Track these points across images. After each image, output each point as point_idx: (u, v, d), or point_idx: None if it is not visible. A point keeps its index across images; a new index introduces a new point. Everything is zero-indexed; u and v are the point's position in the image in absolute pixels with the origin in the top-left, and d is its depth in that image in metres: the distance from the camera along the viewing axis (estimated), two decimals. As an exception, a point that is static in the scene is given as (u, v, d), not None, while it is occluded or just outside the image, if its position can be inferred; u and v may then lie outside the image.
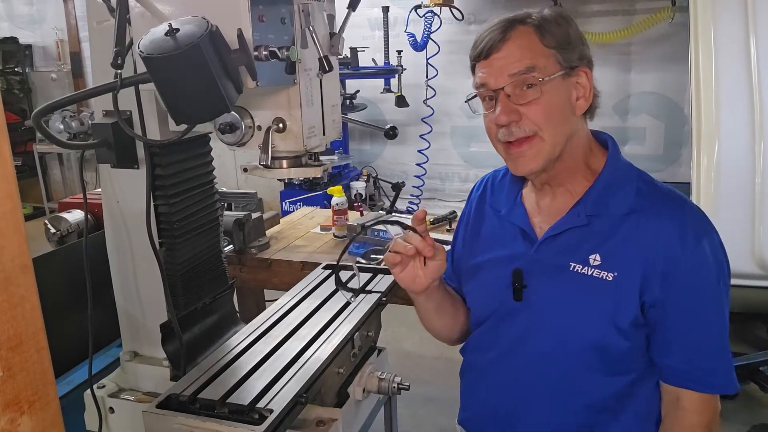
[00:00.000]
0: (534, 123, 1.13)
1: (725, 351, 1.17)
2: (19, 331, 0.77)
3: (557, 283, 1.19)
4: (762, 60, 2.81)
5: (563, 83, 1.14)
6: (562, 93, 1.14)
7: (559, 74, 1.12)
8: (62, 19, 6.99)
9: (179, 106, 1.14)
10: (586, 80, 1.17)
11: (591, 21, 5.01)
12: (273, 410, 1.18)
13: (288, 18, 1.24)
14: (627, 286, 1.14)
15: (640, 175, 1.22)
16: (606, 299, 1.15)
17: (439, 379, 3.46)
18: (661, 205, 1.16)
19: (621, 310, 1.14)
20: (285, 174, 1.37)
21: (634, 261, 1.13)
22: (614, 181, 1.20)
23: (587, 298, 1.16)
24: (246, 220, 2.59)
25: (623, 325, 1.14)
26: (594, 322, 1.16)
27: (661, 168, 5.08)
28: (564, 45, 1.13)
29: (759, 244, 2.86)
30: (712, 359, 1.17)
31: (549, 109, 1.12)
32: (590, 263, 1.16)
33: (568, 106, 1.15)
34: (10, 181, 0.76)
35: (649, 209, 1.15)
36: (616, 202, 1.17)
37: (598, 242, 1.16)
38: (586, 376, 1.20)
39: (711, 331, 1.16)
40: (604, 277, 1.15)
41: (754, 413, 3.07)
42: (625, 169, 1.22)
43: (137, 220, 1.44)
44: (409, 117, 5.53)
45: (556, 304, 1.20)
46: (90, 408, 1.54)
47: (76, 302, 1.56)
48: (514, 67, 1.12)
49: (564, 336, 1.19)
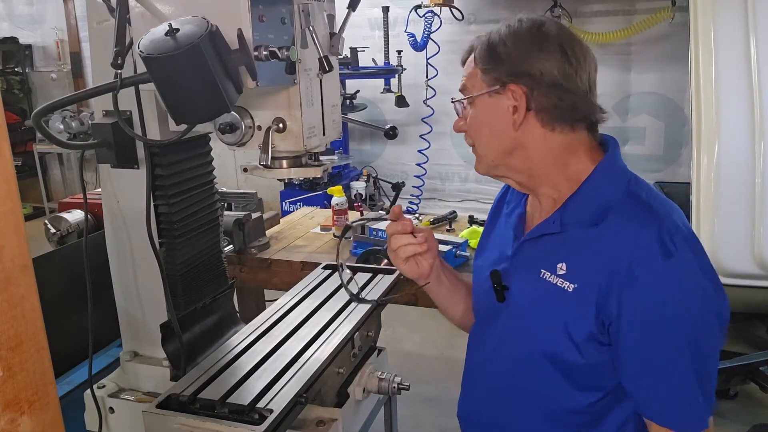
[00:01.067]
0: (470, 137, 1.23)
1: (686, 386, 1.05)
2: (19, 331, 0.77)
3: (528, 288, 1.19)
4: (762, 60, 2.81)
5: (490, 100, 1.15)
6: (491, 110, 1.16)
7: (483, 93, 1.16)
8: (62, 19, 6.99)
9: (179, 106, 1.14)
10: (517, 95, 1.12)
11: (591, 21, 5.01)
12: (273, 410, 1.18)
13: (288, 18, 1.24)
14: (584, 299, 1.09)
15: (628, 185, 1.14)
16: (564, 310, 1.12)
17: (439, 379, 3.47)
18: (632, 219, 1.08)
19: (576, 323, 1.10)
20: (285, 174, 1.37)
21: (595, 275, 1.08)
22: (598, 189, 1.14)
23: (549, 307, 1.15)
24: (246, 220, 2.59)
25: (578, 338, 1.10)
26: (551, 332, 1.14)
27: (661, 168, 5.08)
28: (488, 63, 1.15)
29: (759, 244, 2.86)
30: (669, 392, 1.07)
31: (477, 125, 1.20)
32: (557, 272, 1.14)
33: (499, 123, 1.15)
34: (10, 181, 0.76)
35: (617, 222, 1.09)
36: (590, 212, 1.13)
37: (567, 251, 1.14)
38: (550, 387, 1.18)
39: (665, 363, 1.05)
40: (566, 287, 1.12)
41: (754, 413, 3.07)
42: (612, 177, 1.16)
43: (137, 220, 1.44)
44: (409, 117, 5.53)
45: (525, 309, 1.20)
46: (90, 408, 1.54)
47: (76, 302, 1.56)
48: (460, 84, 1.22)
49: (528, 343, 1.19)
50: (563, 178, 1.18)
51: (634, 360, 1.08)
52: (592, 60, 1.16)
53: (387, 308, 1.76)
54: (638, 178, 1.19)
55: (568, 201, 1.17)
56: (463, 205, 5.49)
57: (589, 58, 1.15)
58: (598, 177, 1.16)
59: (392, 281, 1.81)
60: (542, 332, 1.16)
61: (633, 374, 1.09)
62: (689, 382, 1.05)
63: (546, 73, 1.10)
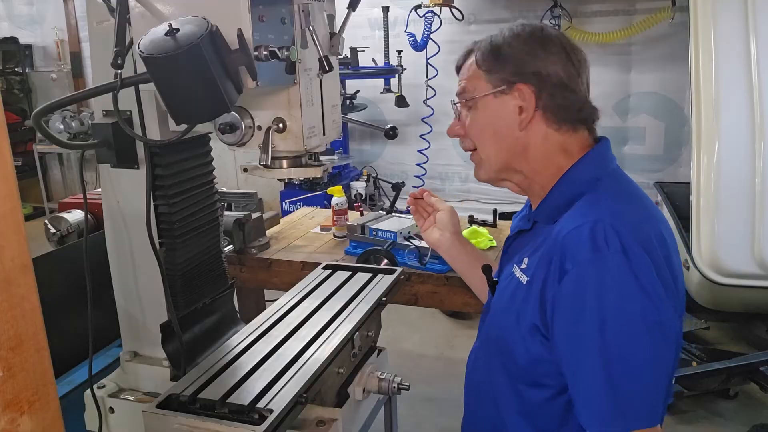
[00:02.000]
0: (470, 139, 1.23)
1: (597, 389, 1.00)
2: (19, 331, 0.77)
3: (503, 282, 1.24)
4: (762, 60, 2.81)
5: (495, 101, 1.16)
6: (496, 111, 1.16)
7: (488, 93, 1.16)
8: (62, 19, 6.99)
9: (179, 106, 1.14)
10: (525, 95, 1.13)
11: (591, 21, 5.01)
12: (273, 410, 1.18)
13: (288, 18, 1.24)
14: (532, 291, 1.10)
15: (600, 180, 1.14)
16: (518, 302, 1.14)
17: (439, 379, 3.47)
18: (577, 216, 1.07)
19: (524, 314, 1.12)
20: (285, 174, 1.37)
21: (542, 268, 1.08)
22: (569, 186, 1.15)
23: (509, 300, 1.18)
24: (246, 220, 2.59)
25: (524, 330, 1.12)
26: (507, 324, 1.17)
27: (661, 168, 5.08)
28: (494, 64, 1.15)
29: (759, 244, 2.86)
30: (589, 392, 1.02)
31: (480, 127, 1.19)
32: (521, 265, 1.17)
33: (505, 123, 1.16)
34: (10, 181, 0.76)
35: (567, 219, 1.09)
36: (555, 210, 1.15)
37: (531, 246, 1.17)
38: (502, 381, 1.20)
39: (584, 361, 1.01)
40: (522, 280, 1.15)
41: (754, 413, 3.07)
42: (584, 176, 1.15)
43: (137, 220, 1.44)
44: (409, 117, 5.53)
45: (497, 302, 1.26)
46: (90, 408, 1.54)
47: (76, 302, 1.56)
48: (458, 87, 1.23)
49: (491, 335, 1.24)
50: (551, 177, 1.19)
51: (560, 354, 1.06)
52: (588, 64, 1.19)
53: (387, 308, 1.76)
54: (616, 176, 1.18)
55: (544, 198, 1.20)
56: (464, 205, 5.49)
57: (586, 63, 1.18)
58: (569, 175, 1.17)
59: (392, 281, 1.81)
60: (500, 324, 1.21)
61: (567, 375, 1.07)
62: (599, 385, 1.00)
63: (552, 74, 1.13)
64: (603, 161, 1.19)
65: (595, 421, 1.02)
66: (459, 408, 1.42)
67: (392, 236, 2.49)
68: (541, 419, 1.17)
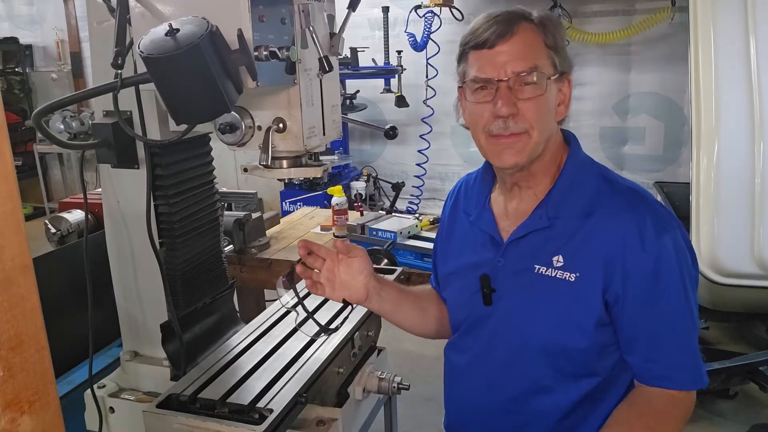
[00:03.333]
0: (527, 120, 1.14)
1: (690, 347, 1.16)
2: (20, 331, 0.77)
3: (523, 286, 1.20)
4: (762, 60, 2.80)
5: (554, 86, 1.16)
6: (552, 96, 1.17)
7: (554, 77, 1.15)
8: (62, 19, 6.98)
9: (179, 106, 1.14)
10: (568, 88, 1.19)
11: (591, 21, 5.01)
12: (273, 410, 1.18)
13: (288, 18, 1.24)
14: (590, 285, 1.14)
15: (600, 173, 1.21)
16: (568, 300, 1.15)
17: (439, 379, 3.45)
18: (621, 203, 1.16)
19: (584, 309, 1.15)
20: (285, 174, 1.37)
21: (596, 260, 1.13)
22: (574, 180, 1.20)
23: (550, 300, 1.17)
24: (246, 220, 2.59)
25: (587, 325, 1.15)
26: (556, 323, 1.16)
27: (661, 168, 5.08)
28: (559, 49, 1.16)
29: (759, 244, 2.86)
30: (676, 355, 1.16)
31: (541, 109, 1.14)
32: (554, 264, 1.16)
33: (554, 109, 1.18)
34: (10, 181, 0.76)
35: (609, 207, 1.15)
36: (576, 202, 1.18)
37: (560, 243, 1.17)
38: (549, 380, 1.20)
39: (674, 328, 1.15)
40: (566, 277, 1.15)
41: (754, 413, 3.07)
42: (584, 166, 1.23)
43: (137, 220, 1.44)
44: (409, 117, 5.53)
45: (520, 307, 1.21)
46: (90, 408, 1.54)
47: (77, 302, 1.56)
48: (519, 64, 1.12)
49: (527, 338, 1.20)
50: (550, 167, 1.22)
51: (642, 331, 1.14)
52: None
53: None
54: (604, 166, 1.25)
55: (551, 194, 1.19)
56: (463, 205, 5.48)
57: None
58: (572, 167, 1.21)
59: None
60: (545, 325, 1.17)
61: (641, 346, 1.15)
62: (691, 341, 1.16)
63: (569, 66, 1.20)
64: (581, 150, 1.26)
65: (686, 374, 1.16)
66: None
67: (392, 236, 2.49)
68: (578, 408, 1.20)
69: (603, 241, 1.13)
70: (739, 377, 3.03)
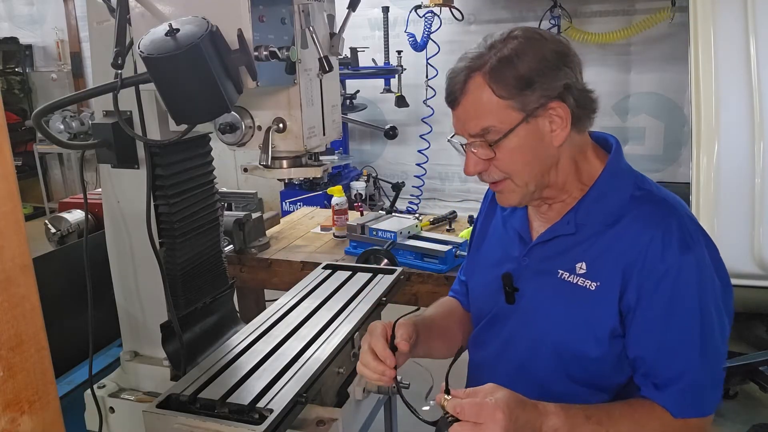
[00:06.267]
0: (501, 171, 1.13)
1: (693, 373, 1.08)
2: (20, 331, 0.77)
3: (545, 289, 1.19)
4: (762, 60, 2.80)
5: (527, 127, 1.08)
6: (529, 136, 1.09)
7: (519, 124, 1.07)
8: (62, 19, 6.98)
9: (179, 106, 1.14)
10: (561, 111, 1.08)
11: (591, 21, 5.01)
12: (273, 410, 1.18)
13: (288, 18, 1.24)
14: (608, 295, 1.11)
15: (636, 182, 1.17)
16: (588, 308, 1.13)
17: (439, 379, 3.46)
18: (648, 214, 1.11)
19: (600, 318, 1.12)
20: (285, 174, 1.37)
21: (616, 270, 1.10)
22: (608, 189, 1.16)
23: (570, 306, 1.15)
24: (246, 220, 2.60)
25: (602, 334, 1.12)
26: (573, 331, 1.15)
27: (661, 168, 5.08)
28: (521, 89, 1.06)
29: (759, 244, 2.86)
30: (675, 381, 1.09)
31: (513, 157, 1.10)
32: (576, 271, 1.15)
33: (541, 144, 1.10)
34: (10, 181, 0.76)
35: (635, 217, 1.12)
36: (605, 211, 1.15)
37: (585, 250, 1.15)
38: (561, 386, 1.18)
39: (677, 351, 1.08)
40: (588, 286, 1.13)
41: (754, 413, 3.07)
42: (622, 176, 1.18)
43: (137, 220, 1.44)
44: (409, 117, 5.53)
45: (540, 310, 1.20)
46: (90, 408, 1.54)
47: (77, 302, 1.56)
48: (471, 127, 1.10)
49: (541, 341, 1.19)
50: (576, 181, 1.18)
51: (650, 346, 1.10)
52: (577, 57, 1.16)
53: (387, 308, 1.76)
54: (643, 175, 1.21)
55: (581, 202, 1.17)
56: (463, 205, 5.49)
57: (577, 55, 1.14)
58: (608, 177, 1.17)
59: (392, 281, 1.81)
60: (562, 331, 1.16)
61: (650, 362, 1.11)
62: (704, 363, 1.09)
63: (572, 82, 1.09)
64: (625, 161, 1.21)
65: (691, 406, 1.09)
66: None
67: (392, 236, 2.49)
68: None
69: (624, 252, 1.10)
70: (739, 377, 3.02)
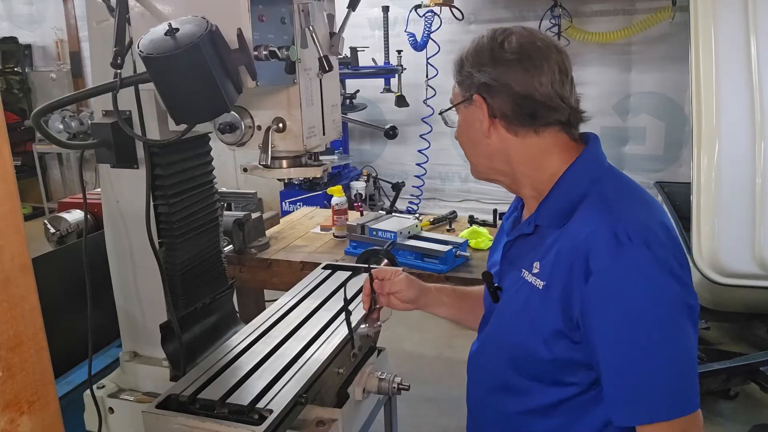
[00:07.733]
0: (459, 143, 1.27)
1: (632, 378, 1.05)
2: (19, 331, 0.77)
3: (513, 288, 1.23)
4: (762, 60, 2.80)
5: (467, 111, 1.20)
6: (467, 119, 1.21)
7: (457, 104, 1.22)
8: (62, 19, 6.98)
9: (179, 106, 1.14)
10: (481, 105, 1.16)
11: (591, 21, 5.00)
12: (273, 410, 1.18)
13: (288, 18, 1.24)
14: (551, 296, 1.11)
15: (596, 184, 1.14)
16: (534, 307, 1.14)
17: (439, 379, 3.47)
18: (588, 215, 1.09)
19: (545, 319, 1.12)
20: (285, 174, 1.37)
21: (559, 272, 1.09)
22: (566, 190, 1.16)
23: (524, 305, 1.17)
24: (246, 220, 2.59)
25: (546, 334, 1.12)
26: (523, 329, 1.17)
27: (662, 168, 5.08)
28: (459, 77, 1.21)
29: (759, 244, 2.86)
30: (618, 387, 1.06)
31: (459, 130, 1.25)
32: (532, 270, 1.17)
33: (472, 128, 1.20)
34: (9, 181, 0.76)
35: (577, 218, 1.10)
36: (558, 211, 1.15)
37: (540, 250, 1.17)
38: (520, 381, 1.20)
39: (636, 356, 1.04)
40: (538, 285, 1.14)
41: (754, 413, 3.07)
42: (581, 175, 1.16)
43: (137, 220, 1.44)
44: (409, 117, 5.52)
45: (506, 308, 1.24)
46: (90, 408, 1.54)
47: (76, 302, 1.56)
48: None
49: (502, 339, 1.24)
50: (544, 180, 1.19)
51: (598, 353, 1.07)
52: (554, 65, 1.14)
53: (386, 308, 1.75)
54: (613, 174, 1.20)
55: (542, 201, 1.20)
56: (463, 205, 5.48)
57: (550, 63, 1.13)
58: (568, 178, 1.17)
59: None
60: (516, 329, 1.19)
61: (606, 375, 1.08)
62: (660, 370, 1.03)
63: (501, 83, 1.14)
64: (597, 160, 1.20)
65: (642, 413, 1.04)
66: (459, 408, 1.42)
67: (392, 236, 2.49)
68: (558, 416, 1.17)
69: (566, 255, 1.09)
70: (739, 377, 3.03)
